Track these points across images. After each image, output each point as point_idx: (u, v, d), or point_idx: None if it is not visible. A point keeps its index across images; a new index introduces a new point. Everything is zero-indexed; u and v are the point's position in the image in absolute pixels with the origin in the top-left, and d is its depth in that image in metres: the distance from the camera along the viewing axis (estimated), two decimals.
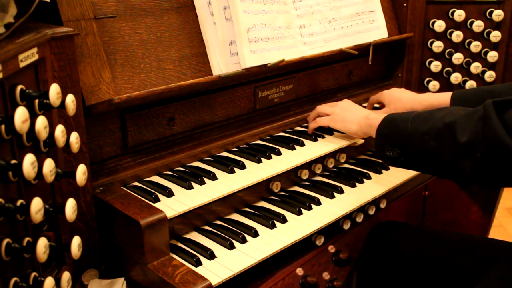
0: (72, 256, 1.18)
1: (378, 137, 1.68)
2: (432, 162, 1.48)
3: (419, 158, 1.54)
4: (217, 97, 1.92)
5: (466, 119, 1.36)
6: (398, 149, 1.58)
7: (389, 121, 1.66)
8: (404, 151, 1.57)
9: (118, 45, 1.62)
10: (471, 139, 1.31)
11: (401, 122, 1.59)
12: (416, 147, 1.53)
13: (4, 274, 1.05)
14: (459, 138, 1.34)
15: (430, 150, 1.46)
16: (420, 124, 1.52)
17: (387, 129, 1.65)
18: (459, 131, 1.35)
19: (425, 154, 1.50)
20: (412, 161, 1.57)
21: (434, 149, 1.44)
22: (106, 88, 1.54)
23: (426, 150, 1.48)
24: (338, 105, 2.00)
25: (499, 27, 2.58)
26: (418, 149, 1.52)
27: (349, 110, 1.95)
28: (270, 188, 1.82)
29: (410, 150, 1.55)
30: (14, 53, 1.09)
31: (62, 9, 1.47)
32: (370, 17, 2.32)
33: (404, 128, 1.57)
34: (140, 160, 1.71)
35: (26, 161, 1.03)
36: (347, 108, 1.97)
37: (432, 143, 1.44)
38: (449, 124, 1.39)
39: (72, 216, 1.17)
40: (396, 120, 1.63)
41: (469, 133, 1.32)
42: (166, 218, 1.44)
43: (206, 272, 1.42)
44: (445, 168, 1.45)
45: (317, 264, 1.71)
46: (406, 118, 1.59)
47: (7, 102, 1.08)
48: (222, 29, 1.82)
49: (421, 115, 1.55)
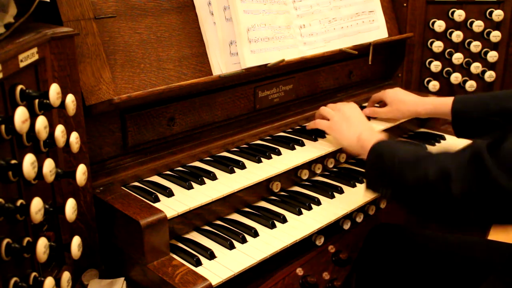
0: (72, 256, 1.18)
1: (370, 173, 1.62)
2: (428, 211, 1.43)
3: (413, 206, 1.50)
4: (217, 97, 1.92)
5: (458, 167, 1.29)
6: (391, 190, 1.52)
7: (377, 154, 1.59)
8: (396, 194, 1.51)
9: (118, 45, 1.62)
10: (468, 191, 1.26)
11: (387, 162, 1.52)
12: (405, 194, 1.47)
13: (4, 274, 1.05)
14: (454, 192, 1.28)
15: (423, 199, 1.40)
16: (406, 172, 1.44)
17: (376, 164, 1.58)
18: (453, 184, 1.29)
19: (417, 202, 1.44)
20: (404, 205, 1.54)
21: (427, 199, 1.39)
22: (106, 88, 1.54)
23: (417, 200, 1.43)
24: (340, 111, 1.94)
25: (499, 27, 2.58)
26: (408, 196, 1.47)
27: (348, 121, 1.89)
28: (270, 188, 1.81)
29: (400, 195, 1.50)
30: (14, 53, 1.09)
31: (62, 9, 1.47)
32: (370, 17, 2.32)
33: (391, 171, 1.50)
34: (140, 160, 1.71)
35: (26, 161, 1.03)
36: (347, 118, 1.90)
37: (424, 196, 1.38)
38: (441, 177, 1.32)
39: (72, 216, 1.18)
40: (383, 157, 1.55)
41: (465, 184, 1.26)
42: (166, 218, 1.44)
43: (206, 272, 1.42)
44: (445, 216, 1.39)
45: (317, 264, 1.71)
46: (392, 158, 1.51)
47: (7, 102, 1.08)
48: (222, 29, 1.82)
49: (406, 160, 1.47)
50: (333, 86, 2.39)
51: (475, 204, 1.26)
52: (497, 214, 1.27)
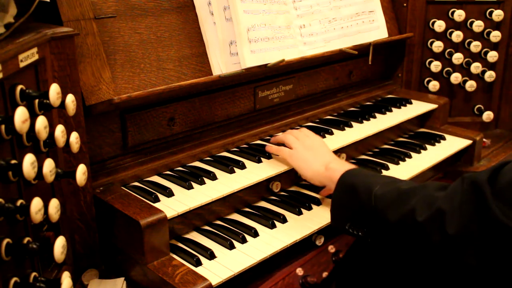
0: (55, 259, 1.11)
1: (336, 207, 1.50)
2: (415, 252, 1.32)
3: (394, 245, 1.37)
4: (217, 97, 1.92)
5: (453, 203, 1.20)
6: (365, 229, 1.41)
7: (348, 188, 1.46)
8: (372, 234, 1.40)
9: (118, 45, 1.62)
10: (465, 229, 1.16)
11: (363, 197, 1.39)
12: (387, 234, 1.35)
13: (4, 274, 1.05)
14: (449, 231, 1.19)
15: (410, 241, 1.29)
16: (387, 208, 1.33)
17: (346, 200, 1.45)
18: (447, 223, 1.19)
19: (403, 244, 1.33)
20: (384, 245, 1.41)
21: (415, 242, 1.28)
22: (106, 88, 1.54)
23: (403, 240, 1.31)
24: (302, 140, 1.79)
25: (499, 27, 2.58)
26: (391, 236, 1.34)
27: (312, 150, 1.75)
28: (270, 188, 1.81)
29: (380, 235, 1.38)
30: (14, 53, 1.09)
31: (62, 9, 1.47)
32: (370, 17, 2.32)
33: (368, 207, 1.37)
34: (140, 160, 1.71)
35: (26, 161, 1.03)
36: (310, 147, 1.76)
37: (410, 236, 1.28)
38: (433, 216, 1.22)
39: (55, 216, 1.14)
40: (356, 191, 1.42)
41: (462, 222, 1.17)
42: (166, 218, 1.44)
43: (206, 272, 1.42)
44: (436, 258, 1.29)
45: (317, 264, 1.71)
46: (368, 192, 1.39)
47: (7, 102, 1.08)
48: (222, 29, 1.82)
49: (385, 195, 1.36)
50: (333, 86, 2.39)
51: (472, 243, 1.16)
52: (496, 254, 1.16)
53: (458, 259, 1.21)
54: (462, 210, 1.18)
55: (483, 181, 1.15)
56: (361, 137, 2.07)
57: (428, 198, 1.27)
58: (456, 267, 1.28)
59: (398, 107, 2.40)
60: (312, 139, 1.82)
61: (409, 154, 2.15)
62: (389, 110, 2.34)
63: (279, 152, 1.81)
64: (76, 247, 1.49)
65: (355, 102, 2.43)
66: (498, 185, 1.13)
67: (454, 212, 1.19)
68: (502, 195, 1.11)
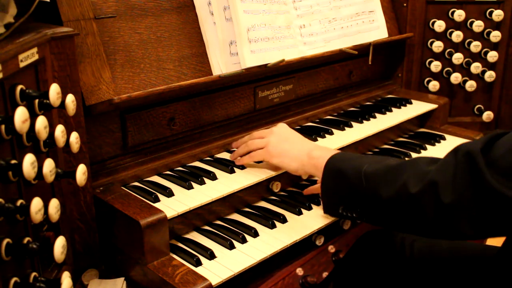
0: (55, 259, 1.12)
1: (327, 194, 1.48)
2: (411, 226, 1.31)
3: (390, 222, 1.36)
4: (217, 97, 1.92)
5: (446, 173, 1.19)
6: (358, 209, 1.39)
7: (335, 173, 1.44)
8: (366, 213, 1.38)
9: (118, 45, 1.62)
10: (460, 198, 1.16)
11: (352, 179, 1.38)
12: (382, 211, 1.34)
13: (4, 274, 1.05)
14: (443, 200, 1.18)
15: (404, 216, 1.29)
16: (379, 186, 1.32)
17: (336, 184, 1.43)
18: (441, 193, 1.19)
19: (397, 219, 1.32)
20: (381, 223, 1.39)
21: (410, 216, 1.27)
22: (106, 88, 1.54)
23: (397, 215, 1.30)
24: (273, 134, 1.70)
25: (499, 27, 2.58)
26: (386, 213, 1.33)
27: (287, 141, 1.66)
28: (270, 188, 1.81)
29: (375, 213, 1.36)
30: (14, 53, 1.09)
31: (62, 9, 1.47)
32: (370, 17, 2.32)
33: (359, 187, 1.36)
34: (140, 160, 1.71)
35: (26, 161, 1.03)
36: (284, 138, 1.67)
37: (405, 211, 1.27)
38: (427, 187, 1.22)
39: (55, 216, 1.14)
40: (344, 173, 1.40)
41: (456, 191, 1.17)
42: (166, 218, 1.44)
43: (206, 272, 1.42)
44: (430, 231, 1.28)
45: (317, 264, 1.71)
46: (357, 172, 1.37)
47: (7, 102, 1.08)
48: (222, 29, 1.82)
49: (376, 173, 1.35)
50: (333, 86, 2.39)
51: (467, 212, 1.17)
52: (491, 222, 1.17)
53: (454, 229, 1.20)
54: (457, 180, 1.17)
55: (476, 151, 1.15)
56: (361, 137, 2.07)
57: (420, 172, 1.27)
58: (452, 238, 1.29)
59: (398, 107, 2.40)
60: (279, 128, 1.75)
61: (409, 154, 2.15)
62: (389, 110, 2.34)
63: (252, 158, 1.73)
64: (76, 247, 1.49)
65: (355, 102, 2.43)
66: (492, 156, 1.13)
67: (448, 183, 1.19)
68: (495, 166, 1.12)
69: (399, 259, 1.71)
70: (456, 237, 1.26)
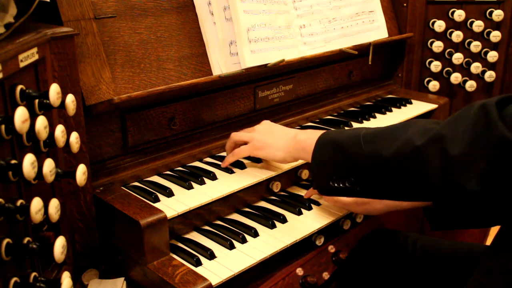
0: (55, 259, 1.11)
1: (318, 166, 1.40)
2: (410, 188, 1.23)
3: (387, 187, 1.28)
4: (217, 97, 1.92)
5: (456, 127, 1.14)
6: (352, 178, 1.32)
7: (329, 144, 1.38)
8: (362, 180, 1.31)
9: (118, 45, 1.62)
10: (469, 149, 1.09)
11: (349, 145, 1.32)
12: (381, 173, 1.26)
13: (4, 274, 1.05)
14: (450, 152, 1.12)
15: (406, 174, 1.21)
16: (380, 145, 1.26)
17: (329, 155, 1.37)
18: (449, 144, 1.12)
19: (397, 181, 1.24)
20: (376, 190, 1.30)
21: (412, 173, 1.19)
22: (106, 88, 1.54)
23: (397, 175, 1.23)
24: (256, 130, 1.71)
25: (499, 27, 2.58)
26: (385, 175, 1.26)
27: (271, 133, 1.65)
28: (270, 188, 1.81)
29: (371, 178, 1.29)
30: (14, 53, 1.09)
31: (62, 9, 1.47)
32: (370, 17, 2.32)
33: (357, 152, 1.30)
34: (140, 160, 1.71)
35: (26, 161, 1.03)
36: (268, 131, 1.67)
37: (407, 167, 1.20)
38: (433, 139, 1.16)
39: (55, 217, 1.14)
40: (339, 142, 1.35)
41: (465, 142, 1.10)
42: (166, 218, 1.44)
43: (206, 272, 1.42)
44: (432, 192, 1.20)
45: (317, 264, 1.71)
46: (354, 138, 1.32)
47: (7, 102, 1.08)
48: (222, 29, 1.82)
49: (376, 134, 1.30)
50: (333, 86, 2.39)
51: (476, 164, 1.08)
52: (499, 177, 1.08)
53: (459, 185, 1.12)
54: (468, 130, 1.11)
55: (491, 104, 1.10)
56: None
57: (424, 128, 1.21)
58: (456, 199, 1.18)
59: (398, 107, 2.40)
60: (262, 124, 1.73)
61: None
62: (389, 110, 2.34)
63: (237, 155, 1.71)
64: (76, 247, 1.49)
65: (355, 102, 2.43)
66: (506, 111, 1.09)
67: (457, 135, 1.13)
68: (508, 120, 1.07)
69: (402, 258, 1.71)
70: (460, 195, 1.15)
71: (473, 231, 2.73)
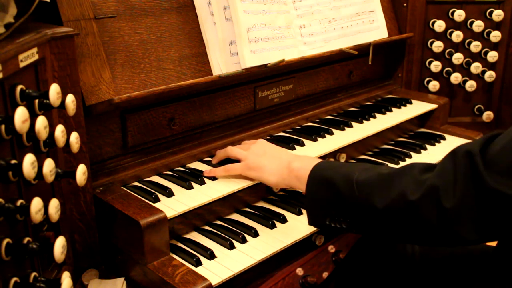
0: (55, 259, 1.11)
1: (313, 205, 1.42)
2: (408, 236, 1.27)
3: (383, 233, 1.31)
4: (217, 97, 1.92)
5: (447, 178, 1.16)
6: (348, 219, 1.34)
7: (323, 182, 1.38)
8: (357, 224, 1.33)
9: (118, 45, 1.62)
10: (462, 202, 1.13)
11: (343, 187, 1.32)
12: (375, 222, 1.28)
13: (4, 274, 1.05)
14: (445, 205, 1.15)
15: (402, 225, 1.24)
16: (373, 195, 1.27)
17: (323, 194, 1.37)
18: (443, 197, 1.16)
19: (393, 229, 1.27)
20: (373, 234, 1.34)
21: (409, 225, 1.23)
22: (106, 88, 1.54)
23: (393, 225, 1.26)
24: (251, 149, 1.68)
25: (499, 27, 2.58)
26: (380, 224, 1.28)
27: (265, 155, 1.63)
28: (270, 188, 1.81)
29: (367, 224, 1.31)
30: (14, 53, 1.09)
31: (62, 9, 1.47)
32: (370, 17, 2.32)
33: (351, 196, 1.31)
34: (140, 160, 1.71)
35: (26, 161, 1.03)
36: (263, 152, 1.65)
37: (403, 220, 1.23)
38: (427, 193, 1.18)
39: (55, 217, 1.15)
40: (333, 183, 1.35)
41: (457, 196, 1.14)
42: (166, 218, 1.44)
43: (206, 272, 1.42)
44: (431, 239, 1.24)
45: (317, 264, 1.71)
46: (347, 180, 1.32)
47: (7, 102, 1.08)
48: (222, 29, 1.82)
49: (370, 182, 1.30)
50: (333, 86, 2.39)
51: (470, 215, 1.14)
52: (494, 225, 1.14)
53: (457, 235, 1.17)
54: (457, 183, 1.15)
55: (475, 151, 1.13)
56: (361, 137, 2.07)
57: (417, 179, 1.23)
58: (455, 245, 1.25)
59: (398, 107, 2.40)
60: (257, 144, 1.71)
61: (409, 154, 2.15)
62: (389, 110, 2.34)
63: (229, 171, 1.67)
64: (76, 247, 1.49)
65: (355, 102, 2.43)
66: (488, 156, 1.12)
67: (449, 187, 1.16)
68: (493, 165, 1.10)
69: (401, 259, 1.71)
70: (460, 243, 1.22)
71: None
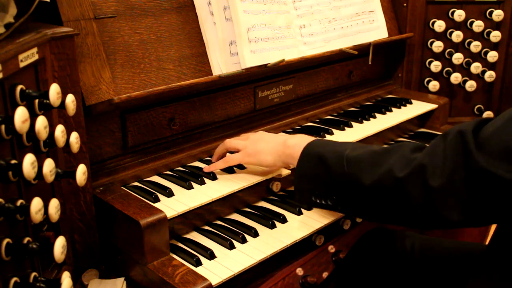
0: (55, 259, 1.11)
1: (300, 180, 1.41)
2: (392, 215, 1.26)
3: (368, 211, 1.30)
4: (217, 97, 1.92)
5: (436, 156, 1.16)
6: (334, 196, 1.34)
7: (313, 157, 1.38)
8: (343, 201, 1.32)
9: (118, 45, 1.62)
10: (449, 180, 1.12)
11: (333, 162, 1.32)
12: (361, 198, 1.28)
13: (4, 274, 1.05)
14: (432, 184, 1.14)
15: (387, 203, 1.23)
16: (361, 170, 1.26)
17: (312, 169, 1.37)
18: (430, 175, 1.15)
19: (377, 207, 1.26)
20: (357, 212, 1.34)
21: (394, 203, 1.22)
22: (106, 88, 1.54)
23: (378, 203, 1.25)
24: (249, 138, 1.72)
25: (499, 27, 2.58)
26: (365, 201, 1.27)
27: (263, 140, 1.67)
28: (270, 188, 1.81)
29: (352, 201, 1.30)
30: (14, 53, 1.09)
31: (62, 9, 1.47)
32: (370, 17, 2.32)
33: (339, 171, 1.30)
34: (140, 160, 1.71)
35: (26, 161, 1.03)
36: (260, 139, 1.68)
37: (388, 197, 1.22)
38: (414, 171, 1.17)
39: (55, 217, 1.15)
40: (324, 156, 1.34)
41: (445, 174, 1.13)
42: (166, 218, 1.44)
43: (206, 272, 1.42)
44: (415, 220, 1.23)
45: (317, 264, 1.71)
46: (338, 155, 1.32)
47: (7, 102, 1.08)
48: (222, 29, 1.82)
49: (359, 157, 1.30)
50: (333, 86, 2.39)
51: (457, 196, 1.12)
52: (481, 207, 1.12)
53: (442, 216, 1.16)
54: (446, 162, 1.14)
55: (467, 131, 1.12)
56: (361, 137, 2.07)
57: (406, 157, 1.23)
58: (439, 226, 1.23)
59: (398, 107, 2.40)
60: (256, 133, 1.75)
61: None
62: (389, 110, 2.34)
63: (228, 162, 1.70)
64: (76, 247, 1.49)
65: (355, 102, 2.43)
66: (481, 137, 1.11)
67: (437, 166, 1.15)
68: (485, 146, 1.09)
69: (400, 258, 1.71)
70: (444, 225, 1.20)
71: (472, 231, 2.73)
